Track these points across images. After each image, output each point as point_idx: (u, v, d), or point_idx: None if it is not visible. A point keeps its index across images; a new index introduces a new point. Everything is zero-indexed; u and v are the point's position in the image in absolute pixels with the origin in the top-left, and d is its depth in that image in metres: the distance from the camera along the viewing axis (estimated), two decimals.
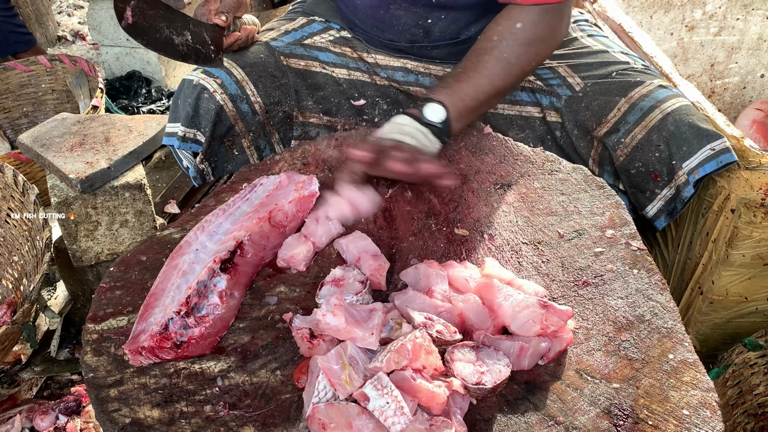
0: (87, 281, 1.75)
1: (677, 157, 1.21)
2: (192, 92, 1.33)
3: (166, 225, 1.16)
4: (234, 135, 1.38)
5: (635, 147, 1.26)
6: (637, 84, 1.31)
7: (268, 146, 1.42)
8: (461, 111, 1.22)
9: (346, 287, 0.93)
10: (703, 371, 0.85)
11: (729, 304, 1.37)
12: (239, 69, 1.36)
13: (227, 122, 1.36)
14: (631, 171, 1.27)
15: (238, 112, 1.36)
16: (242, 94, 1.35)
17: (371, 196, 1.12)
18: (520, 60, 1.24)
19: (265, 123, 1.39)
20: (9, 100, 2.61)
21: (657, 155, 1.23)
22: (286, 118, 1.42)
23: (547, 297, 0.95)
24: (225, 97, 1.34)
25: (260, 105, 1.37)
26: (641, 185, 1.27)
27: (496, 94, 1.27)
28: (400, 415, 0.74)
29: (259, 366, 0.88)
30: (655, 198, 1.26)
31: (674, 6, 2.07)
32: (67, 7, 4.11)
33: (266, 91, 1.38)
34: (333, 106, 1.45)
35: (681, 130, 1.21)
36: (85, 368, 0.87)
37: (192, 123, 1.35)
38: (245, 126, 1.37)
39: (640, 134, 1.25)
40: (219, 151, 1.40)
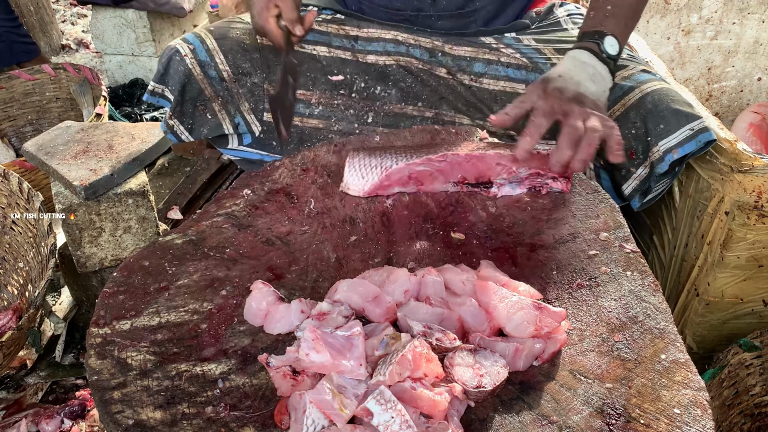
0: (91, 287, 1.77)
1: (653, 134, 1.22)
2: (167, 54, 1.47)
3: (169, 231, 1.19)
4: (205, 99, 1.48)
5: None
6: (620, 67, 1.33)
7: (238, 113, 1.50)
8: (624, 37, 1.25)
9: (329, 321, 0.91)
10: (694, 371, 0.86)
11: (724, 305, 1.39)
12: (212, 40, 1.47)
13: (197, 86, 1.46)
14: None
15: (206, 77, 1.46)
16: (210, 62, 1.46)
17: None
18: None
19: (232, 89, 1.48)
20: (14, 109, 2.64)
21: (633, 132, 1.25)
22: (255, 89, 1.49)
23: (542, 299, 0.96)
24: (194, 61, 1.45)
25: (228, 73, 1.47)
26: (617, 163, 1.27)
27: (641, 6, 1.29)
28: (406, 429, 0.75)
29: (259, 368, 0.90)
30: (631, 177, 1.27)
31: (671, 10, 2.09)
32: (70, 16, 4.15)
33: (234, 62, 1.47)
34: (308, 80, 1.50)
35: (659, 108, 1.22)
36: (89, 371, 0.89)
37: (161, 80, 1.48)
38: (213, 91, 1.47)
39: (618, 112, 1.27)
40: (194, 114, 1.49)
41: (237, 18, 1.57)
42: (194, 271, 1.06)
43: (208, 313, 0.99)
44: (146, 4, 2.91)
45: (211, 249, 1.10)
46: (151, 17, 2.98)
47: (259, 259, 1.09)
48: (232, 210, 1.19)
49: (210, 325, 0.97)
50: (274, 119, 1.41)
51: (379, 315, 0.93)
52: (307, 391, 0.80)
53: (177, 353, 0.92)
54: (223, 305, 1.00)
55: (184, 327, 0.96)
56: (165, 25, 3.10)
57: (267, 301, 0.96)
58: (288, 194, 1.22)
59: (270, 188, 1.24)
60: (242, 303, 0.99)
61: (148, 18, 2.97)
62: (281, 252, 1.11)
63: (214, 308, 0.99)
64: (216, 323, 0.97)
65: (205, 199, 2.33)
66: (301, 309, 0.95)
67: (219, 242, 1.12)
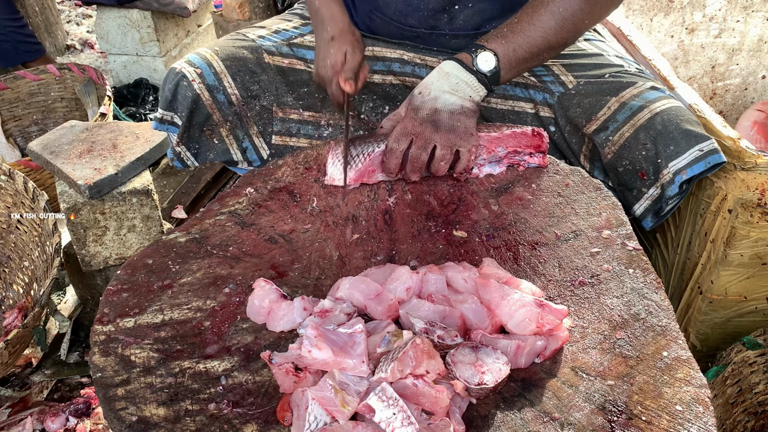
0: (96, 285, 1.78)
1: (663, 156, 1.22)
2: (173, 79, 1.41)
3: (173, 229, 1.19)
4: (213, 124, 1.44)
5: (623, 145, 1.27)
6: (629, 85, 1.33)
7: (247, 137, 1.47)
8: (512, 62, 1.26)
9: (330, 319, 0.92)
10: (696, 368, 0.86)
11: (728, 303, 1.39)
12: (219, 61, 1.42)
13: (205, 111, 1.42)
14: (618, 169, 1.29)
15: (215, 102, 1.42)
16: (219, 85, 1.42)
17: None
18: (575, 16, 1.25)
19: (241, 114, 1.45)
20: (19, 109, 2.66)
21: (644, 153, 1.25)
22: (264, 112, 1.46)
23: (544, 296, 0.96)
24: (202, 86, 1.40)
25: (237, 97, 1.43)
26: (629, 183, 1.28)
27: (548, 49, 1.29)
28: (407, 425, 0.75)
29: (261, 365, 0.90)
30: (642, 197, 1.27)
31: (674, 9, 2.08)
32: (75, 17, 4.17)
33: (243, 84, 1.43)
34: (317, 101, 1.48)
35: (668, 129, 1.23)
36: (93, 368, 0.90)
37: (169, 107, 1.42)
38: (222, 116, 1.44)
39: (627, 132, 1.26)
40: (201, 139, 1.46)
41: (240, 34, 1.52)
42: (197, 269, 1.06)
43: (211, 311, 0.99)
44: (150, 5, 2.92)
45: (214, 247, 1.11)
46: (155, 17, 2.99)
47: (261, 257, 1.09)
48: (235, 208, 1.19)
49: (213, 322, 0.97)
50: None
51: (381, 312, 0.93)
52: (310, 387, 0.80)
53: (180, 350, 0.93)
54: (226, 303, 1.00)
55: (188, 324, 0.97)
56: (169, 25, 3.11)
57: (270, 298, 0.97)
58: (291, 192, 1.23)
59: (273, 187, 1.24)
60: (245, 301, 1.00)
61: (152, 18, 2.98)
62: (284, 250, 1.11)
63: (217, 306, 1.00)
64: (219, 321, 0.97)
65: (209, 198, 2.34)
66: (304, 306, 0.95)
67: (222, 240, 1.12)
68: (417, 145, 1.20)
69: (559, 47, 1.32)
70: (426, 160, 1.21)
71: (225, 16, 2.73)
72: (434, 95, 1.24)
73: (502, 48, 1.25)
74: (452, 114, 1.22)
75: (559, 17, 1.24)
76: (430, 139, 1.20)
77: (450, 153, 1.21)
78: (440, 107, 1.23)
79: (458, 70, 1.25)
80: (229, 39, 1.50)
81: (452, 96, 1.23)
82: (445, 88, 1.24)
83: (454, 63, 1.25)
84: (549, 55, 1.31)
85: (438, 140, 1.20)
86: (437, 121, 1.21)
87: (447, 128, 1.21)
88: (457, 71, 1.25)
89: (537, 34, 1.25)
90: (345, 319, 0.92)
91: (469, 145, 1.21)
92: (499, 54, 1.24)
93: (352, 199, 1.22)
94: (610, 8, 1.31)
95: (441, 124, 1.21)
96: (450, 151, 1.21)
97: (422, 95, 1.25)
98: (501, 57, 1.24)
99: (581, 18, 1.26)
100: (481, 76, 1.24)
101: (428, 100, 1.23)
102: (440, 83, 1.25)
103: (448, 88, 1.24)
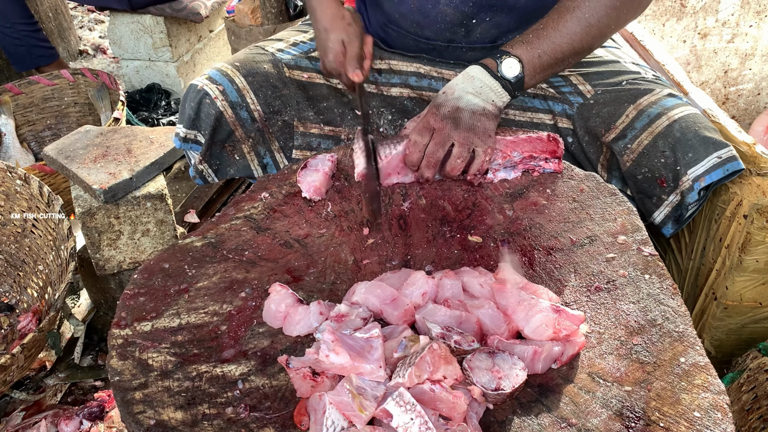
0: (109, 289, 1.79)
1: (682, 164, 1.22)
2: (195, 97, 1.40)
3: (187, 234, 1.20)
4: (235, 140, 1.44)
5: (641, 153, 1.27)
6: (646, 92, 1.32)
7: (268, 153, 1.47)
8: (536, 68, 1.26)
9: (347, 323, 0.92)
10: (714, 374, 0.86)
11: (743, 309, 1.38)
12: (241, 77, 1.42)
13: (227, 128, 1.41)
14: (637, 176, 1.29)
15: (238, 119, 1.41)
16: (242, 102, 1.41)
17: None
18: (601, 22, 1.25)
19: (263, 130, 1.44)
20: (33, 113, 2.68)
21: (663, 161, 1.25)
22: (286, 127, 1.46)
23: (560, 302, 0.96)
24: (225, 103, 1.39)
25: (259, 113, 1.42)
26: (648, 191, 1.28)
27: (574, 54, 1.29)
28: (425, 430, 0.75)
29: (278, 369, 0.90)
30: (662, 204, 1.27)
31: (686, 14, 2.08)
32: (88, 22, 4.20)
33: (266, 100, 1.43)
34: (336, 116, 1.48)
35: (687, 137, 1.22)
36: (111, 372, 0.91)
37: (193, 125, 1.41)
38: (244, 132, 1.43)
39: (646, 140, 1.26)
40: (221, 155, 1.46)
41: (259, 47, 1.52)
42: (213, 273, 1.07)
43: (228, 315, 1.00)
44: (163, 10, 2.94)
45: (230, 251, 1.11)
46: (168, 23, 3.01)
47: (277, 261, 1.10)
48: (251, 213, 1.20)
49: (230, 326, 0.98)
50: (369, 212, 1.21)
51: (397, 317, 0.93)
52: (327, 392, 0.80)
53: (197, 354, 0.93)
54: (243, 307, 1.01)
55: (204, 328, 0.97)
56: (181, 31, 3.13)
57: (286, 303, 0.97)
58: (305, 197, 1.23)
59: (288, 191, 1.25)
60: (261, 305, 1.00)
61: (164, 23, 3.00)
62: (299, 254, 1.12)
63: (234, 310, 1.00)
64: (235, 325, 0.98)
65: (221, 202, 2.35)
66: (320, 311, 0.95)
67: (238, 245, 1.13)
68: (435, 140, 1.21)
69: (585, 53, 1.32)
70: (442, 156, 1.21)
71: (237, 22, 2.74)
72: (458, 95, 1.25)
73: (527, 54, 1.25)
74: (473, 114, 1.23)
75: (584, 23, 1.24)
76: (448, 136, 1.21)
77: (467, 152, 1.21)
78: (462, 106, 1.23)
79: (483, 74, 1.26)
80: (249, 53, 1.49)
81: (475, 98, 1.24)
82: (469, 89, 1.25)
83: (480, 68, 1.27)
84: (574, 61, 1.31)
85: (456, 138, 1.21)
86: (458, 119, 1.22)
87: (466, 127, 1.22)
88: (481, 75, 1.26)
89: (563, 40, 1.25)
90: (361, 324, 0.92)
91: (485, 146, 1.22)
92: (524, 60, 1.25)
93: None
94: (636, 13, 1.31)
95: (461, 123, 1.22)
96: (467, 149, 1.21)
97: (446, 94, 1.26)
98: (526, 63, 1.25)
99: (607, 23, 1.26)
100: (505, 82, 1.25)
101: (451, 99, 1.25)
102: (465, 85, 1.26)
103: (472, 90, 1.25)
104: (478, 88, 1.25)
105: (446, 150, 1.21)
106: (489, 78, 1.25)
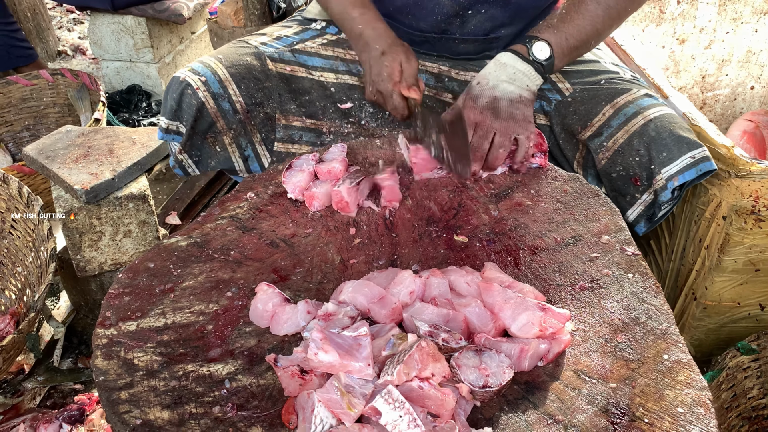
0: (90, 291, 1.77)
1: (656, 162, 1.24)
2: (177, 88, 1.39)
3: (169, 235, 1.18)
4: (216, 132, 1.43)
5: (617, 151, 1.29)
6: (623, 91, 1.35)
7: (250, 145, 1.47)
8: (564, 50, 1.31)
9: (334, 322, 0.92)
10: (696, 371, 0.88)
11: (722, 309, 1.40)
12: (224, 69, 1.41)
13: (209, 118, 1.40)
14: (612, 175, 1.31)
15: (219, 110, 1.40)
16: (224, 93, 1.40)
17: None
18: (619, 5, 1.32)
19: (245, 122, 1.44)
20: (11, 114, 2.64)
21: (637, 159, 1.27)
22: (268, 120, 1.46)
23: (546, 300, 0.97)
24: (207, 94, 1.38)
25: (241, 104, 1.42)
26: (622, 189, 1.30)
27: (596, 36, 1.35)
28: (413, 428, 0.76)
29: (266, 368, 0.90)
30: (636, 202, 1.29)
31: (665, 20, 2.11)
32: (66, 23, 4.15)
33: (248, 92, 1.42)
34: (318, 109, 1.48)
35: (662, 136, 1.24)
36: (96, 372, 0.90)
37: (174, 116, 1.40)
38: (226, 123, 1.42)
39: (621, 138, 1.28)
40: (202, 146, 1.45)
41: (242, 41, 1.51)
42: (199, 272, 1.07)
43: (214, 315, 0.99)
44: (145, 11, 2.92)
45: (215, 251, 1.11)
46: (150, 24, 2.99)
47: (263, 261, 1.10)
48: (236, 213, 1.20)
49: (216, 326, 0.97)
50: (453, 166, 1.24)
51: (384, 316, 0.94)
52: (316, 390, 0.80)
53: (183, 354, 0.92)
54: (229, 306, 1.00)
55: (190, 328, 0.97)
56: (163, 32, 3.11)
57: (273, 302, 0.97)
58: (291, 198, 1.23)
59: (273, 191, 1.25)
60: (247, 304, 1.00)
61: (146, 24, 2.97)
62: (285, 254, 1.11)
63: (220, 309, 1.00)
64: (222, 324, 0.97)
65: (203, 204, 2.34)
66: (308, 310, 0.95)
67: (223, 244, 1.12)
68: (478, 134, 1.23)
69: (605, 34, 1.38)
70: (487, 148, 1.24)
71: (220, 23, 2.73)
72: (493, 84, 1.27)
73: (555, 38, 1.30)
74: (511, 102, 1.26)
75: (604, 5, 1.31)
76: (490, 127, 1.24)
77: (509, 141, 1.24)
78: (499, 95, 1.26)
79: (515, 60, 1.29)
80: (232, 46, 1.49)
81: (510, 85, 1.27)
82: (502, 77, 1.28)
83: (510, 54, 1.30)
84: (596, 43, 1.38)
85: (498, 128, 1.23)
86: (497, 108, 1.24)
87: (506, 116, 1.24)
88: (513, 62, 1.29)
89: (586, 22, 1.31)
90: (349, 323, 0.92)
91: (527, 132, 1.25)
92: (552, 43, 1.30)
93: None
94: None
95: (500, 112, 1.24)
96: (509, 138, 1.24)
97: (480, 85, 1.28)
98: (554, 46, 1.30)
99: (625, 6, 1.34)
100: (537, 65, 1.29)
101: (487, 89, 1.27)
102: (498, 73, 1.28)
103: (505, 77, 1.28)
104: (512, 74, 1.28)
105: (490, 141, 1.24)
106: (521, 63, 1.29)
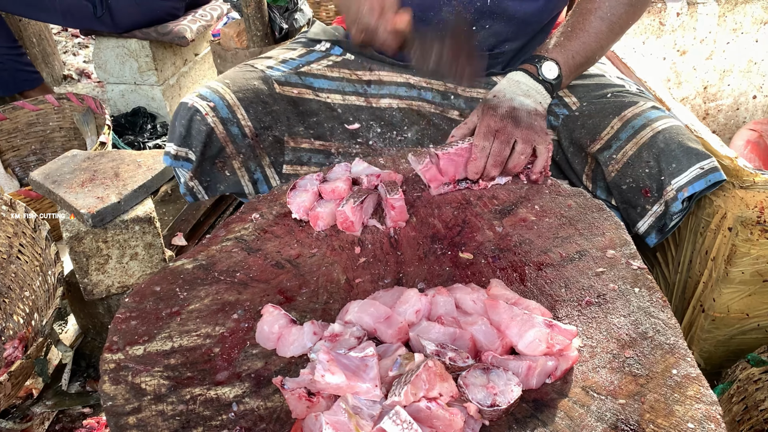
0: (97, 314, 1.77)
1: (666, 173, 1.24)
2: (186, 114, 1.39)
3: (175, 257, 1.19)
4: (225, 156, 1.44)
5: (626, 163, 1.29)
6: (630, 104, 1.36)
7: (259, 168, 1.47)
8: (571, 68, 1.35)
9: (341, 343, 0.92)
10: (706, 385, 0.87)
11: (731, 321, 1.40)
12: (231, 94, 1.42)
13: (218, 143, 1.41)
14: (622, 186, 1.31)
15: (228, 135, 1.41)
16: (233, 118, 1.41)
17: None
18: (621, 19, 1.36)
19: (254, 146, 1.44)
20: (18, 139, 2.67)
21: (647, 171, 1.27)
22: (276, 143, 1.46)
23: (552, 317, 0.97)
24: (216, 119, 1.39)
25: (250, 129, 1.42)
26: (632, 201, 1.30)
27: (601, 51, 1.39)
28: None
29: (273, 391, 0.90)
30: (646, 214, 1.29)
31: (665, 32, 2.12)
32: (72, 47, 4.20)
33: (257, 115, 1.43)
34: (326, 130, 1.49)
35: (671, 147, 1.25)
36: (104, 397, 0.90)
37: (184, 143, 1.40)
38: (235, 148, 1.43)
39: (630, 151, 1.29)
40: (212, 171, 1.45)
41: (248, 65, 1.52)
42: (205, 295, 1.07)
43: (221, 337, 0.99)
44: (149, 34, 2.95)
45: (221, 273, 1.11)
46: (154, 47, 3.02)
47: (269, 282, 1.10)
48: (241, 234, 1.20)
49: (223, 348, 0.97)
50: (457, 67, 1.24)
51: (390, 335, 0.94)
52: (323, 412, 0.80)
53: (191, 377, 0.92)
54: (235, 329, 1.01)
55: (197, 351, 0.97)
56: (167, 54, 3.14)
57: (279, 324, 0.97)
58: (296, 218, 1.24)
59: (278, 212, 1.25)
60: (254, 326, 1.00)
61: (150, 47, 3.01)
62: (291, 275, 1.12)
63: (226, 332, 1.00)
64: (228, 347, 0.98)
65: (209, 225, 2.35)
66: (314, 331, 0.95)
67: (229, 266, 1.13)
68: (500, 139, 1.25)
69: (608, 48, 1.41)
70: (508, 154, 1.26)
71: (223, 45, 2.76)
72: (510, 97, 1.30)
73: (562, 56, 1.34)
74: (529, 113, 1.28)
75: (608, 21, 1.34)
76: (512, 134, 1.26)
77: (529, 148, 1.26)
78: (517, 106, 1.29)
79: (526, 78, 1.33)
80: (239, 71, 1.50)
81: (526, 99, 1.30)
82: (518, 92, 1.31)
83: (522, 72, 1.33)
84: (600, 57, 1.41)
85: (519, 135, 1.25)
86: (517, 117, 1.27)
87: (526, 125, 1.27)
88: (526, 80, 1.32)
89: (591, 39, 1.35)
90: (355, 343, 0.92)
91: (546, 143, 1.27)
92: (560, 62, 1.33)
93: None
94: (645, 8, 1.42)
95: (521, 121, 1.27)
96: (530, 146, 1.26)
97: (497, 98, 1.31)
98: (562, 65, 1.33)
99: (626, 20, 1.37)
100: (547, 84, 1.32)
101: (505, 101, 1.30)
102: (513, 88, 1.31)
103: (521, 92, 1.31)
104: (526, 90, 1.31)
105: (511, 148, 1.26)
106: (532, 81, 1.32)
